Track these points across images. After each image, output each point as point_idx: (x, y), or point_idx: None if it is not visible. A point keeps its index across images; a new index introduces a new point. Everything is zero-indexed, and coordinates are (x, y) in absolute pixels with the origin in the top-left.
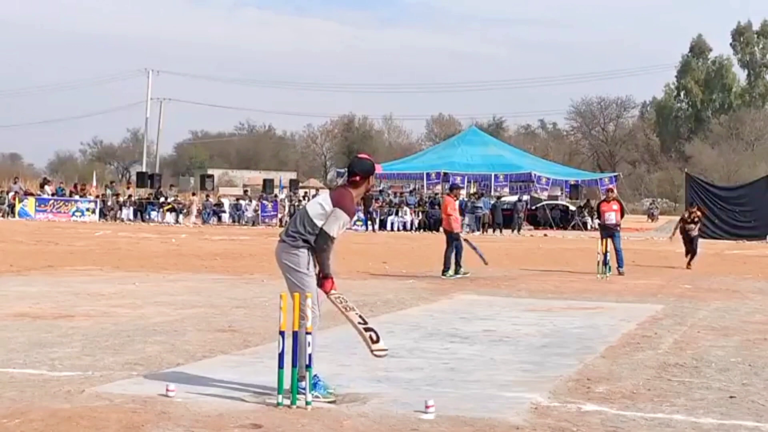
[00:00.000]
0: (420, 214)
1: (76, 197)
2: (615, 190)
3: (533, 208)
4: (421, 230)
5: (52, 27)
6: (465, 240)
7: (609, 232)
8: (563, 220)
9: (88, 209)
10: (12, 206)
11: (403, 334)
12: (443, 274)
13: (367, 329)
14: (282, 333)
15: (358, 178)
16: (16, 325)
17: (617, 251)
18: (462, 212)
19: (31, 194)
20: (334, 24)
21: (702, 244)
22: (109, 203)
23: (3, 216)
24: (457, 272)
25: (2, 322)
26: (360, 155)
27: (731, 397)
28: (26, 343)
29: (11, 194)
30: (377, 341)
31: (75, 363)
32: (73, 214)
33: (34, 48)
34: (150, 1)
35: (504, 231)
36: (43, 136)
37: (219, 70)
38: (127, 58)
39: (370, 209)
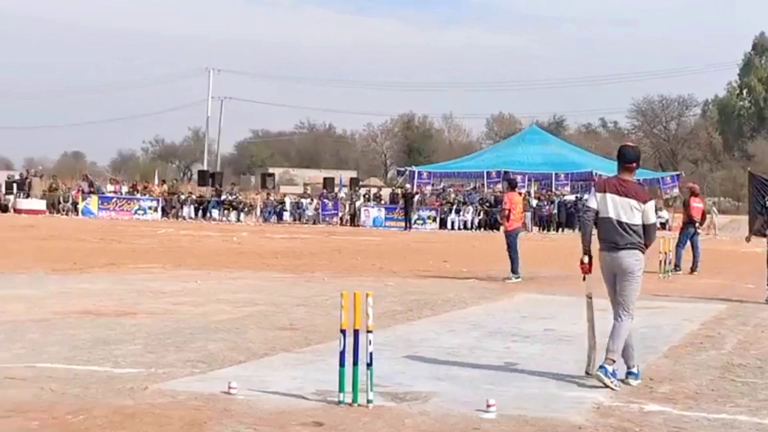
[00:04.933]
0: (481, 213)
1: (139, 195)
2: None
3: None
4: (482, 229)
5: (115, 26)
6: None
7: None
8: None
9: (150, 207)
10: (75, 204)
11: (464, 333)
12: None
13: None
14: (343, 331)
15: (635, 164)
16: (79, 322)
17: (695, 248)
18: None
19: (94, 192)
20: (395, 23)
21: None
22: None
23: (66, 214)
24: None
25: (66, 319)
26: (628, 143)
27: None
28: (90, 341)
29: (74, 192)
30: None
31: (138, 360)
32: (136, 213)
33: (97, 47)
34: (212, 0)
35: (565, 230)
36: (106, 134)
37: (280, 69)
38: (188, 57)
39: (409, 208)
